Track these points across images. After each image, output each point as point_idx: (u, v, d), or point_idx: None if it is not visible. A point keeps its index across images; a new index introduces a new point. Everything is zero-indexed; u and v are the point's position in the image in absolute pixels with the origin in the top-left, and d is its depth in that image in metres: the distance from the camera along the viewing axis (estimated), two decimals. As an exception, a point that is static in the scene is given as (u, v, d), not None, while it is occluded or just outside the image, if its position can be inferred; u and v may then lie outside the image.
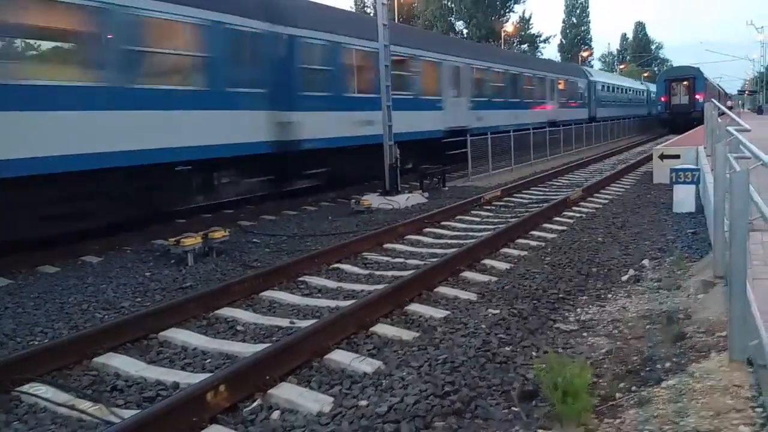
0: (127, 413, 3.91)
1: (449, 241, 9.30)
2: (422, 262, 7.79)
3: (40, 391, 4.32)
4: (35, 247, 9.22)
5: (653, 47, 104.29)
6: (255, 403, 4.05)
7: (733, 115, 9.65)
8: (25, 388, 4.37)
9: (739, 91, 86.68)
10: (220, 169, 12.26)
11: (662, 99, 41.15)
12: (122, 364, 4.81)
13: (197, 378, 4.34)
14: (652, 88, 55.99)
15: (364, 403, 3.93)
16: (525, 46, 62.89)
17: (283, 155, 12.81)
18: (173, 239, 8.43)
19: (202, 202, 12.82)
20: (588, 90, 35.93)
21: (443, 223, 10.73)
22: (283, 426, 3.73)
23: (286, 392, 4.14)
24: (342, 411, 3.84)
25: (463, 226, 10.64)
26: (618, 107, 42.60)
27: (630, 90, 48.61)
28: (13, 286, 7.50)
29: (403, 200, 13.33)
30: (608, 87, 41.04)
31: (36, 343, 5.45)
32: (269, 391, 4.14)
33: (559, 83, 30.77)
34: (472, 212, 11.93)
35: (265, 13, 12.15)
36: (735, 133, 7.23)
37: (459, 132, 18.84)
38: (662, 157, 15.40)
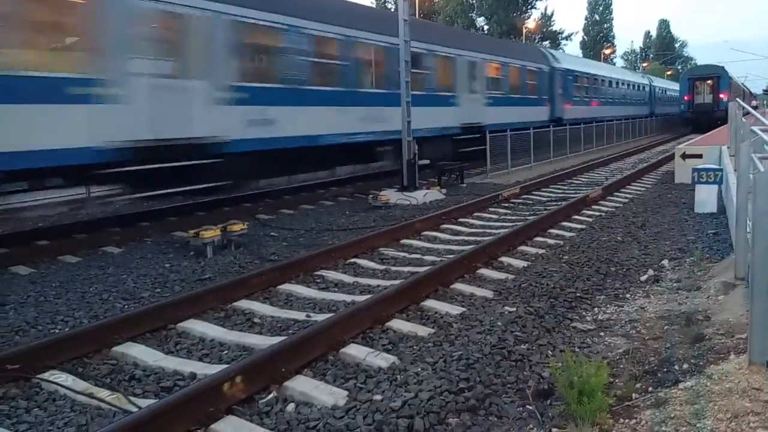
0: (145, 402, 3.97)
1: (466, 238, 9.27)
2: (439, 259, 7.78)
3: (60, 378, 4.40)
4: (56, 236, 9.39)
5: (677, 45, 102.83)
6: (270, 395, 4.08)
7: (758, 115, 9.49)
8: (46, 375, 4.44)
9: (764, 90, 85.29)
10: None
11: (686, 98, 40.57)
12: (141, 353, 4.87)
13: (214, 369, 4.39)
14: (659, 83, 49.66)
15: (378, 397, 3.94)
16: (547, 43, 62.38)
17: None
18: (192, 231, 8.52)
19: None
20: (550, 81, 26.04)
21: (461, 219, 10.70)
22: (298, 418, 3.76)
23: (302, 385, 4.17)
24: (356, 405, 3.86)
25: (481, 223, 10.60)
26: (605, 105, 33.23)
27: (622, 84, 38.03)
28: (35, 275, 7.63)
29: (421, 196, 13.32)
30: (586, 78, 30.85)
31: (57, 331, 5.54)
32: (285, 384, 4.17)
33: (490, 68, 21.09)
34: (490, 209, 11.88)
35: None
36: (760, 132, 7.13)
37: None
38: (684, 156, 15.20)
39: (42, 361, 4.55)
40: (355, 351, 4.74)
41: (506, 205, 12.52)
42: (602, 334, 5.27)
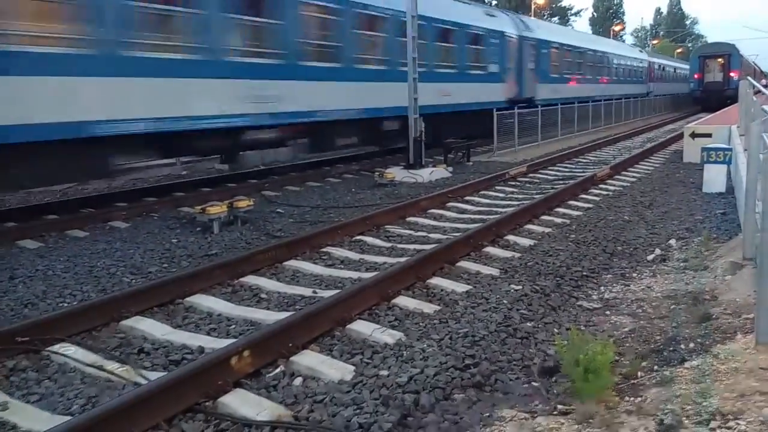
0: (154, 375, 4.01)
1: (473, 216, 9.26)
2: (445, 237, 7.78)
3: (70, 351, 4.44)
4: (64, 211, 9.43)
5: (688, 22, 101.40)
6: (278, 369, 4.12)
7: (770, 94, 9.42)
8: (56, 348, 4.49)
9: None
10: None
11: (696, 76, 40.11)
12: (149, 327, 4.91)
13: (222, 343, 4.42)
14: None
15: (384, 373, 3.97)
16: (556, 19, 61.61)
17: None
18: (199, 207, 8.53)
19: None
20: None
21: (467, 198, 10.67)
22: (305, 392, 3.79)
23: (309, 360, 4.20)
24: (363, 380, 3.89)
25: (487, 201, 10.57)
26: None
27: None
28: (43, 249, 7.67)
29: (427, 174, 13.28)
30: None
31: (66, 305, 5.58)
32: (292, 358, 4.20)
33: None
34: (497, 188, 11.84)
35: None
36: (771, 112, 7.04)
37: None
38: (693, 135, 15.07)
39: (52, 333, 4.60)
40: (361, 327, 4.77)
41: (513, 183, 12.47)
42: (608, 312, 5.27)
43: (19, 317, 5.26)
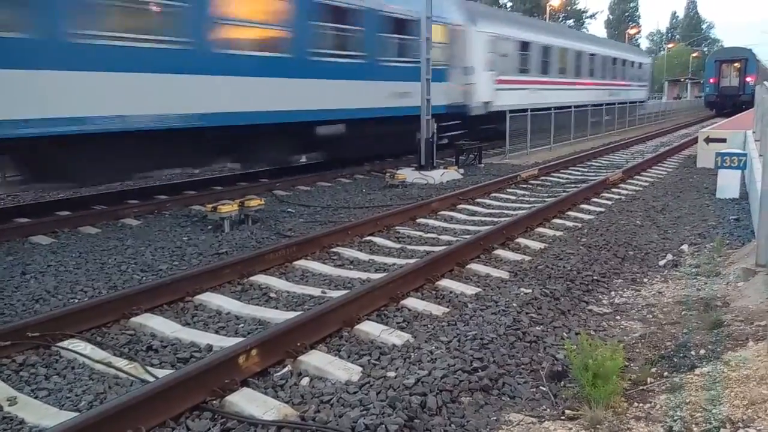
0: (162, 372, 4.02)
1: (483, 219, 9.23)
2: (455, 239, 7.76)
3: (79, 347, 4.47)
4: (76, 207, 9.50)
5: (704, 27, 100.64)
6: (285, 369, 4.12)
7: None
8: (65, 344, 4.52)
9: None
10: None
11: (711, 81, 39.82)
12: (158, 324, 4.93)
13: (230, 342, 4.43)
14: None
15: (392, 374, 3.95)
16: (571, 22, 61.39)
17: None
18: (210, 205, 8.57)
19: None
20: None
21: (478, 200, 10.64)
22: (312, 392, 3.79)
23: (316, 360, 4.20)
24: (370, 381, 3.88)
25: (498, 203, 10.54)
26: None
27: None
28: (56, 245, 7.74)
29: (438, 176, 13.25)
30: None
31: (76, 301, 5.62)
32: (299, 358, 4.20)
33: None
34: (508, 190, 11.80)
35: None
36: (787, 117, 6.96)
37: None
38: (708, 140, 14.93)
39: (61, 329, 4.63)
40: (369, 328, 4.76)
41: (524, 186, 12.42)
42: (618, 317, 5.23)
43: (30, 312, 5.30)
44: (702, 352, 4.08)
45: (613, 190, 11.66)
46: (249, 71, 11.07)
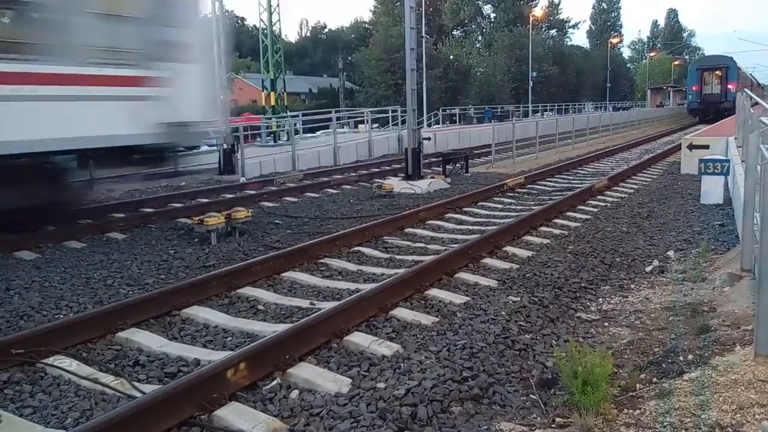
0: (149, 388, 3.98)
1: (471, 228, 9.25)
2: (443, 248, 7.76)
3: (65, 363, 4.41)
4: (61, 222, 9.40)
5: (685, 35, 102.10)
6: (274, 382, 4.09)
7: (767, 105, 9.45)
8: (50, 360, 4.45)
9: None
10: None
11: (693, 88, 40.37)
12: (145, 339, 4.88)
13: (218, 355, 4.39)
14: None
15: (382, 385, 3.94)
16: (553, 32, 62.05)
17: None
18: (197, 218, 8.52)
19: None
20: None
21: (465, 209, 10.67)
22: (302, 405, 3.76)
23: (305, 372, 4.17)
24: (360, 392, 3.86)
25: (485, 212, 10.57)
26: None
27: None
28: (40, 260, 7.64)
29: (425, 185, 13.28)
30: None
31: (61, 316, 5.54)
32: (288, 371, 4.17)
33: None
34: (495, 199, 11.85)
35: None
36: (768, 123, 7.05)
37: None
38: (691, 147, 15.12)
39: (46, 345, 4.56)
40: (359, 339, 4.74)
41: (511, 194, 12.48)
42: (606, 324, 5.25)
43: (14, 329, 5.22)
44: (690, 357, 4.11)
45: (599, 197, 11.74)
46: None
